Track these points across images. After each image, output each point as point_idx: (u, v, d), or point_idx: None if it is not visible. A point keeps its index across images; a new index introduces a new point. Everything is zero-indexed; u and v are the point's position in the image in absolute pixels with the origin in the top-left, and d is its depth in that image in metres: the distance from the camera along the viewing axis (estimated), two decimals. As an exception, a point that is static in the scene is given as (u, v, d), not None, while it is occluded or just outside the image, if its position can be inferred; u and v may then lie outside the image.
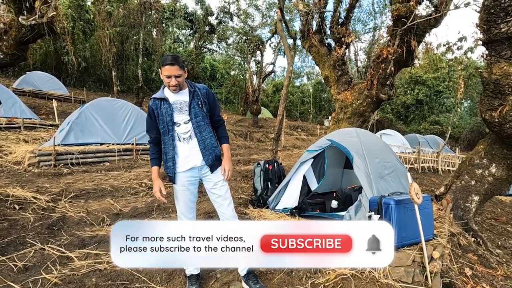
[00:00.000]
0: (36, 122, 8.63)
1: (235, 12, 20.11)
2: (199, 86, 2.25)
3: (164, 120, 2.14)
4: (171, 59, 2.03)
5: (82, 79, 19.37)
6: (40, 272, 2.58)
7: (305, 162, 4.28)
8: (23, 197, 3.93)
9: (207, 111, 2.24)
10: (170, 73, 2.04)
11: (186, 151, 2.19)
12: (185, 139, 2.18)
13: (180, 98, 2.18)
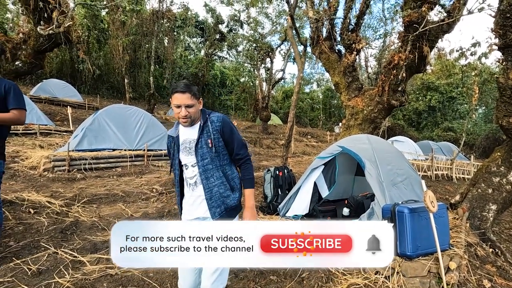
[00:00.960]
0: (52, 128, 8.86)
1: (245, 20, 20.36)
2: (213, 118, 1.84)
3: (174, 160, 1.88)
4: (183, 86, 1.75)
5: (96, 87, 19.84)
6: (53, 276, 2.61)
7: (316, 169, 4.24)
8: (38, 202, 4.02)
9: (220, 150, 1.81)
10: (180, 102, 1.74)
11: (191, 199, 1.85)
12: (191, 184, 1.84)
13: (190, 135, 1.83)
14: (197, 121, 1.84)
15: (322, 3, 9.19)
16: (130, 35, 17.28)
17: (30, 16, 8.91)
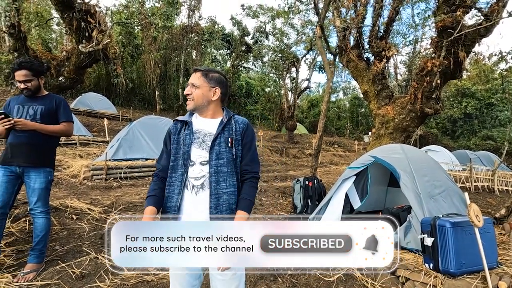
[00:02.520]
0: (90, 139, 9.41)
1: (271, 31, 20.64)
2: (237, 119, 1.65)
3: (179, 150, 1.54)
4: (200, 67, 1.63)
5: (129, 99, 20.88)
6: (94, 280, 2.74)
7: (347, 180, 4.15)
8: (79, 208, 4.26)
9: (238, 154, 1.57)
10: (190, 80, 1.59)
11: (191, 206, 1.51)
12: (194, 187, 1.51)
13: (206, 127, 1.58)
14: (217, 115, 1.62)
15: (349, 11, 9.15)
16: (161, 49, 18.12)
17: (73, 35, 9.65)
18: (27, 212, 3.75)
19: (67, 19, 9.20)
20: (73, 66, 9.98)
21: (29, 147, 2.70)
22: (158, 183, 1.58)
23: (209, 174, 1.50)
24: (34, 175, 2.73)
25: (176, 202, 1.49)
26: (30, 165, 2.71)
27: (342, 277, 2.92)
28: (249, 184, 1.57)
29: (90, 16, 9.25)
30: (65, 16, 9.16)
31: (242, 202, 1.52)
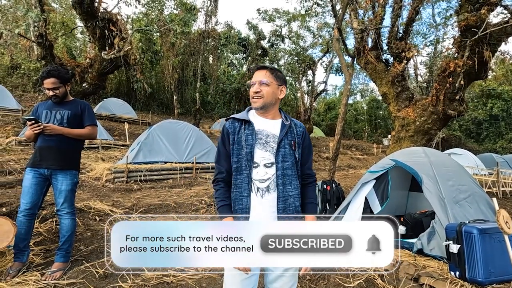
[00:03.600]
0: (111, 142, 9.72)
1: (287, 35, 20.67)
2: (295, 122, 1.63)
3: (241, 151, 1.50)
4: (265, 65, 1.59)
5: (148, 103, 21.42)
6: (117, 280, 2.81)
7: (366, 183, 4.07)
8: (102, 210, 4.40)
9: (299, 157, 1.55)
10: (255, 78, 1.53)
11: (258, 209, 1.48)
12: (259, 190, 1.48)
13: (268, 128, 1.54)
14: (277, 116, 1.59)
15: (367, 13, 9.02)
16: (178, 55, 18.52)
17: (96, 43, 10.04)
18: (54, 213, 3.91)
19: (90, 28, 9.59)
20: (96, 73, 10.37)
21: (57, 151, 2.82)
22: (226, 189, 1.54)
23: (276, 177, 1.48)
24: (61, 177, 2.85)
25: (247, 204, 1.47)
26: (58, 168, 2.83)
27: (362, 284, 2.85)
28: (312, 188, 1.60)
29: (112, 24, 9.60)
30: (89, 25, 9.55)
31: (311, 207, 1.55)
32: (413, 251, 3.20)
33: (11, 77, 17.43)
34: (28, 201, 2.77)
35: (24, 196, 2.79)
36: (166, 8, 12.38)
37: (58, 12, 17.06)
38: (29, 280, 2.62)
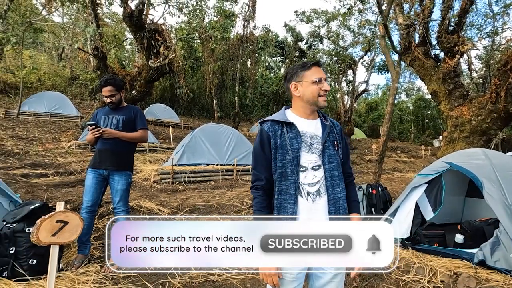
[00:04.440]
0: (157, 145, 10.30)
1: (325, 35, 20.26)
2: (332, 121, 1.57)
3: (285, 155, 1.42)
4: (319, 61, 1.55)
5: (189, 108, 22.36)
6: (166, 276, 2.96)
7: (417, 187, 3.81)
8: (151, 209, 4.67)
9: (341, 157, 1.51)
10: (322, 75, 1.45)
11: (307, 215, 1.40)
12: (310, 194, 1.41)
13: (310, 129, 1.47)
14: (315, 115, 1.54)
15: (413, 7, 8.51)
16: (218, 60, 19.08)
17: (143, 53, 10.73)
18: (110, 211, 4.23)
19: (139, 39, 10.27)
20: (144, 80, 11.06)
21: (114, 153, 3.06)
22: (264, 197, 1.45)
23: (325, 179, 1.42)
24: (117, 178, 3.08)
25: (293, 211, 1.39)
26: (114, 169, 3.06)
27: (415, 294, 2.68)
28: (353, 186, 1.56)
29: (158, 34, 10.20)
30: (137, 36, 10.24)
31: (355, 205, 1.51)
32: (473, 263, 2.93)
33: (71, 87, 19.32)
34: (90, 199, 3.04)
35: (86, 194, 3.07)
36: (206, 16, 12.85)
37: (110, 26, 18.58)
38: (90, 271, 2.86)
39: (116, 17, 19.82)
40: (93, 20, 9.73)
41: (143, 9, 9.83)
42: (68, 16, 18.56)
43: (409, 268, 3.06)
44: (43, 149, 8.32)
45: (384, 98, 33.25)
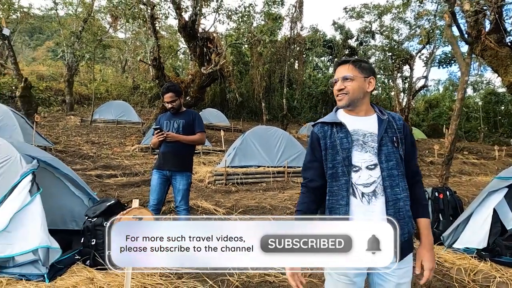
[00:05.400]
0: (210, 148, 10.77)
1: (378, 30, 19.22)
2: (392, 115, 1.47)
3: (336, 156, 1.39)
4: (347, 59, 1.48)
5: (238, 112, 22.95)
6: (225, 274, 3.05)
7: (495, 192, 3.39)
8: (207, 209, 4.89)
9: (403, 155, 1.40)
10: (338, 74, 1.43)
11: (362, 216, 1.35)
12: (364, 195, 1.35)
13: (363, 126, 1.41)
14: (370, 111, 1.45)
15: (482, -9, 7.62)
16: (266, 63, 19.30)
17: (196, 60, 11.33)
18: (171, 209, 4.53)
19: (192, 48, 10.88)
20: (197, 87, 11.65)
21: (176, 155, 3.27)
22: (307, 195, 1.45)
23: (382, 179, 1.34)
24: (179, 178, 3.28)
25: (345, 213, 1.35)
26: (176, 170, 3.27)
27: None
28: (420, 187, 1.43)
29: (209, 42, 10.68)
30: (191, 45, 10.85)
31: (422, 209, 1.39)
32: None
33: (133, 95, 21.21)
34: (155, 197, 3.29)
35: (152, 193, 3.32)
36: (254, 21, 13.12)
37: (166, 38, 20.00)
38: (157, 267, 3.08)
39: (171, 29, 21.28)
40: (152, 33, 10.58)
41: (196, 20, 10.39)
42: (130, 32, 20.44)
43: (489, 282, 2.74)
44: (112, 153, 9.26)
45: (446, 94, 30.31)
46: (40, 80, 18.30)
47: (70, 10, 17.20)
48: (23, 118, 8.76)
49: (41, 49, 30.87)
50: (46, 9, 18.06)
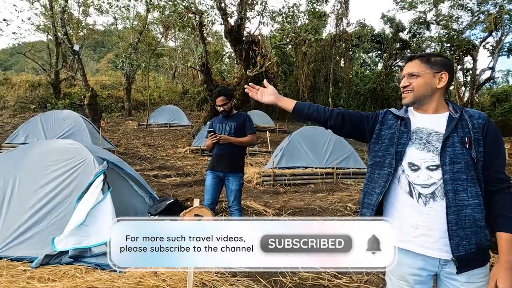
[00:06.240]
0: (256, 149, 10.89)
1: (433, 20, 17.75)
2: (471, 113, 1.34)
3: (390, 147, 1.36)
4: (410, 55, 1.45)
5: (283, 113, 22.87)
6: (277, 274, 3.07)
7: None
8: (257, 209, 4.96)
9: (479, 157, 1.25)
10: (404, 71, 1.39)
11: (417, 218, 1.27)
12: (421, 196, 1.27)
13: (429, 125, 1.33)
14: (441, 108, 1.36)
15: None
16: (311, 63, 18.99)
17: (242, 63, 11.58)
18: (222, 209, 4.69)
19: (237, 51, 11.16)
20: (242, 89, 11.90)
21: (228, 156, 3.38)
22: (340, 116, 1.49)
23: (444, 182, 1.24)
24: (232, 179, 3.38)
25: (376, 201, 1.35)
26: (229, 171, 3.38)
27: None
28: (505, 196, 1.25)
29: (254, 44, 10.86)
30: (236, 49, 11.13)
31: (505, 221, 1.22)
32: None
33: (182, 100, 22.40)
34: (209, 197, 3.43)
35: (206, 193, 3.47)
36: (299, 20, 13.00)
37: (212, 44, 20.78)
38: (212, 263, 3.21)
39: (216, 35, 22.06)
40: (200, 40, 11.08)
41: (241, 24, 10.64)
42: (179, 40, 21.64)
43: None
44: (166, 154, 9.88)
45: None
46: (103, 89, 20.26)
47: (128, 24, 18.83)
48: (91, 123, 9.79)
49: (103, 61, 34.19)
50: (107, 24, 20.01)
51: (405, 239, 1.28)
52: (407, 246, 1.28)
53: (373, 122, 1.46)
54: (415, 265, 1.28)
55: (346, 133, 1.54)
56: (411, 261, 1.28)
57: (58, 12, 12.88)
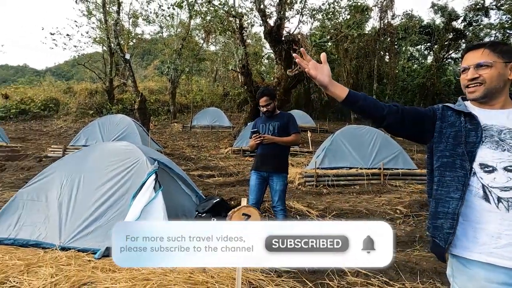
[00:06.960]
0: (297, 150, 10.77)
1: (493, 4, 16.05)
2: None
3: (456, 147, 1.23)
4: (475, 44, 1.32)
5: (323, 112, 22.35)
6: (324, 277, 3.00)
7: None
8: (300, 210, 4.89)
9: None
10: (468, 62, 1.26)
11: (498, 226, 1.13)
12: (502, 200, 1.14)
13: (499, 121, 1.22)
14: (508, 103, 1.25)
15: None
16: (353, 59, 18.29)
17: (282, 64, 11.55)
18: (266, 209, 4.70)
19: (277, 51, 11.16)
20: (283, 89, 11.87)
21: (272, 156, 3.38)
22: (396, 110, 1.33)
23: None
24: (276, 179, 3.38)
25: (455, 209, 1.18)
26: (273, 171, 3.38)
27: None
28: None
29: (294, 43, 10.77)
30: (276, 50, 11.14)
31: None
32: None
33: (223, 102, 22.99)
34: (254, 197, 3.46)
35: (251, 193, 3.51)
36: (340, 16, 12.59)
37: (252, 45, 21.03)
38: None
39: (256, 36, 22.28)
40: (240, 43, 11.28)
41: (280, 24, 10.62)
42: (220, 44, 22.26)
43: None
44: (209, 155, 10.21)
45: None
46: (151, 94, 21.58)
47: (172, 32, 19.83)
48: (141, 126, 10.49)
49: (150, 68, 36.44)
50: (154, 33, 21.28)
51: (486, 251, 1.13)
52: (488, 259, 1.13)
53: (432, 113, 1.33)
54: (495, 279, 1.12)
55: (405, 132, 1.37)
56: (490, 275, 1.13)
57: (111, 24, 14.04)
